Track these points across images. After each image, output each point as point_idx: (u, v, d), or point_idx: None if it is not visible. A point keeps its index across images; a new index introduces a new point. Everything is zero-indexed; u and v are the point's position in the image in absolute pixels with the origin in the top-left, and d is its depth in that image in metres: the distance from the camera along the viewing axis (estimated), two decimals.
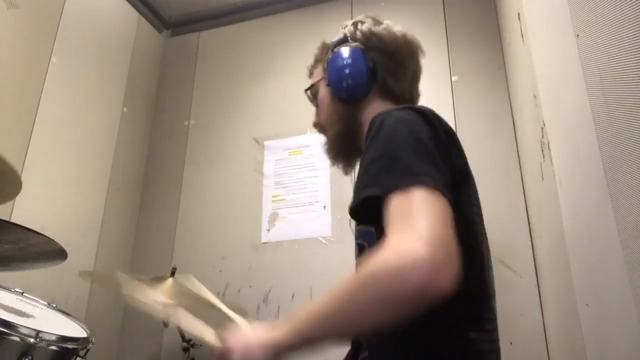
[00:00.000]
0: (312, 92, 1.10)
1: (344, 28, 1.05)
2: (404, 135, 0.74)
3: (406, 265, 0.58)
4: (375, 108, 0.97)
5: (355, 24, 1.03)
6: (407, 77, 1.02)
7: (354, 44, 1.00)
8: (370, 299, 0.61)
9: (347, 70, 0.98)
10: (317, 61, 1.10)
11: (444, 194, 0.67)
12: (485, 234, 0.88)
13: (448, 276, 0.58)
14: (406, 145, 0.73)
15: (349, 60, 0.98)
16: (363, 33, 1.01)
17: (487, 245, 0.87)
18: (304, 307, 0.67)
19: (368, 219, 0.81)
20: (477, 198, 0.87)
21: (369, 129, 0.81)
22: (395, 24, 1.04)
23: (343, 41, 1.02)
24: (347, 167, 1.07)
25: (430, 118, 0.79)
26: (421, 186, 0.66)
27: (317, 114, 1.09)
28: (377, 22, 1.03)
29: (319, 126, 1.09)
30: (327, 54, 1.05)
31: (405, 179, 0.67)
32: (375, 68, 0.98)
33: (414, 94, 1.04)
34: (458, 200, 0.76)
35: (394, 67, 0.99)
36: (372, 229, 0.81)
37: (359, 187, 0.75)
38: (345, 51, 0.99)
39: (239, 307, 1.78)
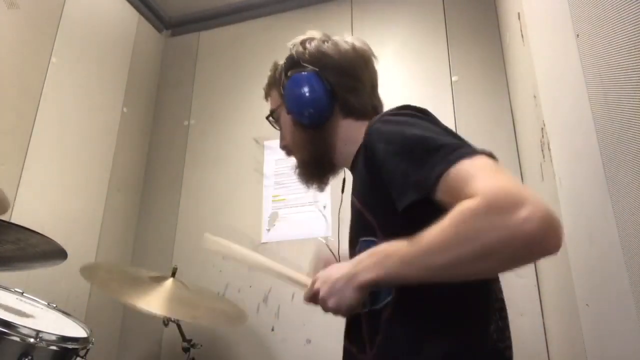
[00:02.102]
0: (274, 117, 1.07)
1: (292, 48, 1.01)
2: (422, 124, 0.74)
3: (523, 210, 0.53)
4: (341, 127, 0.97)
5: (302, 43, 1.00)
6: (366, 89, 0.99)
7: (307, 67, 0.96)
8: (478, 232, 0.56)
9: (306, 99, 0.94)
10: (270, 84, 1.07)
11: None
12: None
13: (559, 237, 0.54)
14: (431, 130, 0.72)
15: (306, 88, 0.95)
16: (311, 54, 0.97)
17: None
18: (392, 245, 0.67)
19: (369, 229, 0.81)
20: None
21: (367, 139, 0.82)
22: (345, 35, 1.01)
23: (294, 64, 0.99)
24: (321, 186, 1.06)
25: (431, 114, 0.80)
26: (479, 154, 0.65)
27: (283, 136, 1.06)
28: (325, 39, 1.00)
29: (287, 149, 1.06)
30: (280, 77, 1.02)
31: (461, 151, 0.65)
32: (333, 89, 0.95)
33: (376, 104, 1.02)
34: None
35: (352, 84, 0.97)
36: (375, 240, 0.80)
37: (403, 180, 0.70)
38: (300, 78, 0.96)
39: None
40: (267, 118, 1.09)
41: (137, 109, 2.52)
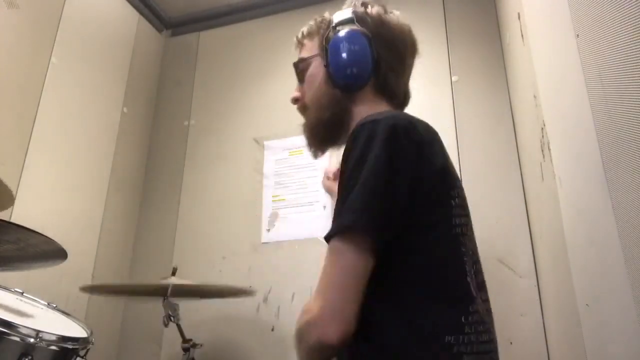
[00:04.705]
0: (302, 66, 1.00)
1: (351, 3, 0.96)
2: (369, 166, 0.74)
3: (305, 325, 0.74)
4: (367, 103, 0.92)
5: (365, 5, 0.95)
6: (405, 75, 0.97)
7: (362, 28, 0.91)
8: (299, 350, 0.77)
9: (353, 57, 0.89)
10: (311, 33, 1.01)
11: (370, 236, 0.74)
12: (471, 235, 0.85)
13: (334, 333, 0.70)
14: (365, 179, 0.74)
15: (357, 47, 0.89)
16: (373, 18, 0.92)
17: (470, 246, 0.82)
18: None
19: None
20: (459, 197, 0.83)
21: (350, 137, 0.79)
22: (401, 15, 0.98)
23: (349, 21, 0.93)
24: (317, 153, 1.03)
25: (399, 136, 0.75)
26: (348, 237, 0.75)
27: (300, 89, 1.00)
28: (386, 10, 0.95)
29: (300, 102, 1.00)
30: (327, 29, 0.96)
31: (345, 223, 0.76)
32: (379, 61, 0.91)
33: (407, 93, 1.01)
34: (431, 210, 0.77)
35: (396, 64, 0.94)
36: None
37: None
38: (353, 35, 0.90)
39: None
40: (294, 64, 1.02)
41: (137, 109, 2.52)
